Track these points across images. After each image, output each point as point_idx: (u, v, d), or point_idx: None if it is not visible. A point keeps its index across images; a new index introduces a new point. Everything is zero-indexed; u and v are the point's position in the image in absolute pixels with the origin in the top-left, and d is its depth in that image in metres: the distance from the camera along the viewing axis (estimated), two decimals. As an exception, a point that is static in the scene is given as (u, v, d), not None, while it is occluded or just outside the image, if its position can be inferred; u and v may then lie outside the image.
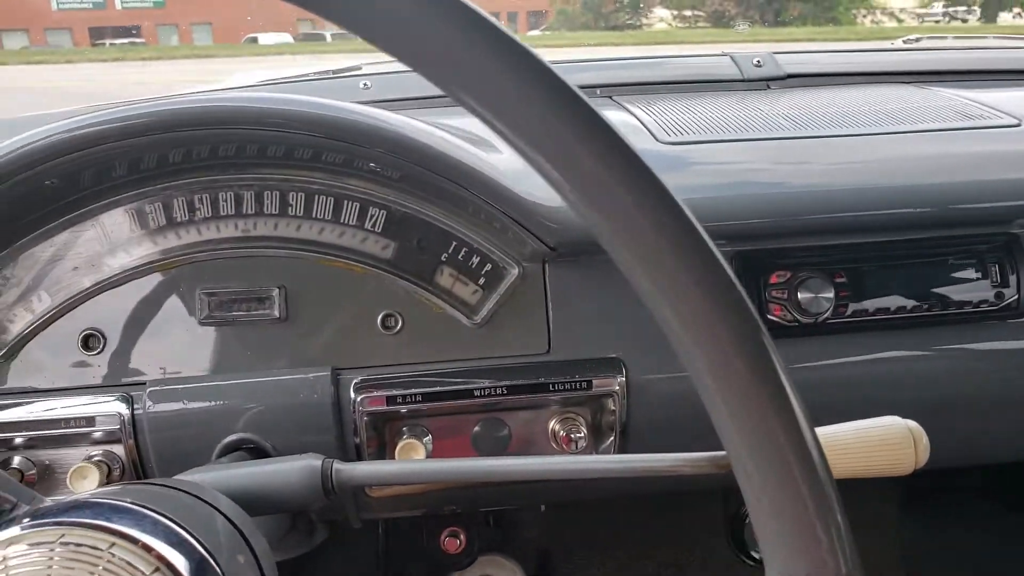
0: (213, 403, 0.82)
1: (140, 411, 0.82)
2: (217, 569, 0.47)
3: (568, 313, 0.87)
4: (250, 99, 0.76)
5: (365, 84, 1.11)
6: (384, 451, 0.87)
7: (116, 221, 0.84)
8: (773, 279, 0.90)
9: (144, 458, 0.83)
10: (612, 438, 0.89)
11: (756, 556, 1.01)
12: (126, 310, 0.84)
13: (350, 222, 0.86)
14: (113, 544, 0.43)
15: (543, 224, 0.80)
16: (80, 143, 0.74)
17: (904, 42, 1.41)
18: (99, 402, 0.82)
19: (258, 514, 0.60)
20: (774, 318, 0.90)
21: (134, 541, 0.44)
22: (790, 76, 1.15)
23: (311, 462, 0.64)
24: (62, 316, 0.84)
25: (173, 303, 0.85)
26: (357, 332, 0.86)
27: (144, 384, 0.83)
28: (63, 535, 0.43)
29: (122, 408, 0.82)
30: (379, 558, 1.27)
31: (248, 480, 0.61)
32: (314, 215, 0.86)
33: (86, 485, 0.81)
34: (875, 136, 0.92)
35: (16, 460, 0.83)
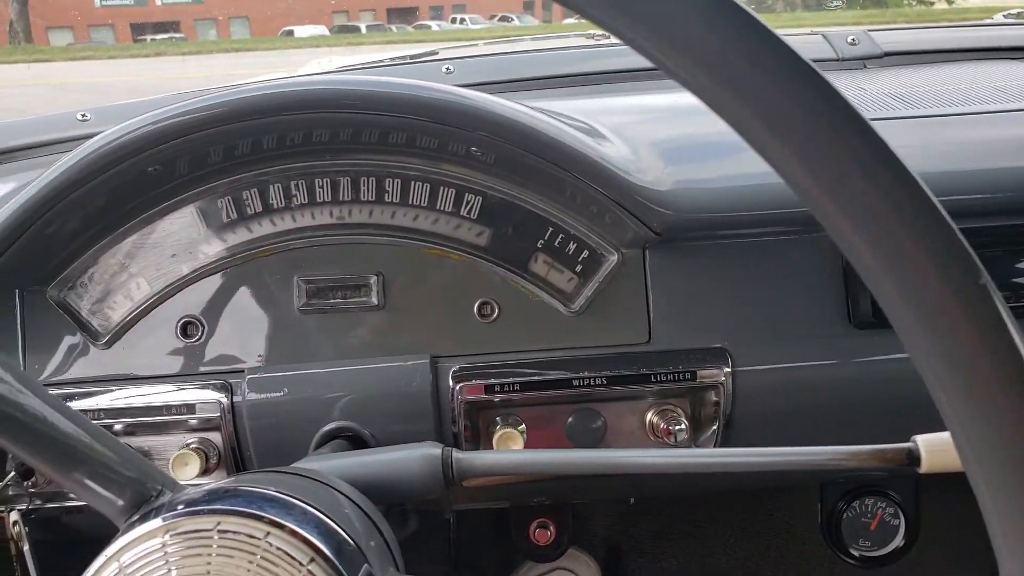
0: (311, 391, 0.82)
1: (239, 399, 0.82)
2: (364, 558, 0.46)
3: (669, 301, 0.85)
4: (354, 82, 0.75)
5: (447, 68, 1.09)
6: (479, 440, 0.86)
7: (213, 208, 0.84)
8: None
9: (242, 446, 0.83)
10: (714, 431, 0.86)
11: (856, 554, 0.98)
12: (224, 297, 0.84)
13: (446, 208, 0.85)
14: (268, 533, 0.43)
15: (650, 208, 0.78)
16: (185, 128, 0.74)
17: (1004, 16, 1.35)
18: (198, 389, 0.82)
19: (380, 503, 0.59)
20: None
21: (289, 530, 0.43)
22: (887, 55, 1.11)
23: (430, 450, 0.62)
24: (161, 303, 0.84)
25: (270, 290, 0.84)
26: (454, 320, 0.85)
27: (242, 372, 0.83)
28: (219, 522, 0.42)
29: (221, 396, 0.82)
30: (449, 548, 1.26)
31: (371, 469, 0.60)
32: (410, 201, 0.85)
33: (187, 472, 0.81)
34: (993, 114, 0.89)
35: None
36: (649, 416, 0.87)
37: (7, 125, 1.00)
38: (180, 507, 0.44)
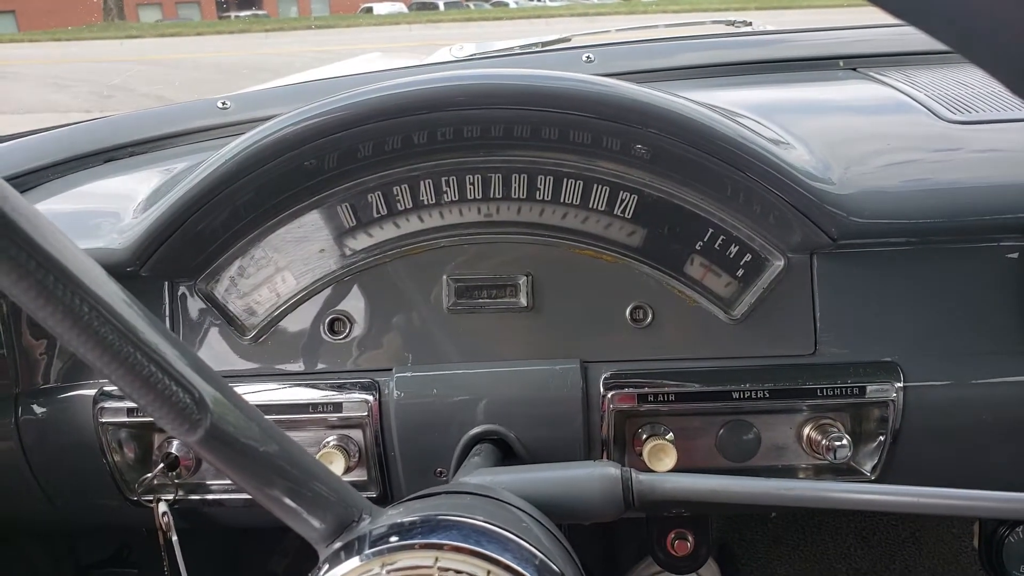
0: (459, 393, 0.79)
1: (387, 398, 0.80)
2: None
3: (837, 310, 0.79)
4: (515, 76, 0.72)
5: (588, 57, 1.05)
6: (624, 448, 0.83)
7: (363, 203, 0.82)
8: None
9: (387, 445, 0.81)
10: (875, 447, 0.81)
11: (1019, 580, 0.91)
12: (371, 294, 0.82)
13: (599, 207, 0.81)
14: (489, 572, 0.40)
15: (829, 212, 0.72)
16: (346, 122, 0.72)
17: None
18: (345, 387, 0.81)
19: (559, 522, 0.57)
20: None
21: (508, 569, 0.40)
22: None
23: (608, 470, 0.59)
24: (309, 299, 0.83)
25: (419, 289, 0.82)
26: (605, 324, 0.81)
27: (389, 371, 0.81)
28: (438, 559, 0.40)
29: (368, 395, 0.80)
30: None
31: (550, 487, 0.58)
32: (562, 199, 0.81)
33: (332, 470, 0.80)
34: None
35: None
36: (807, 431, 0.82)
37: (149, 114, 1.01)
38: (393, 539, 0.41)
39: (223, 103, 1.01)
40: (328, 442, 0.83)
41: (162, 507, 0.84)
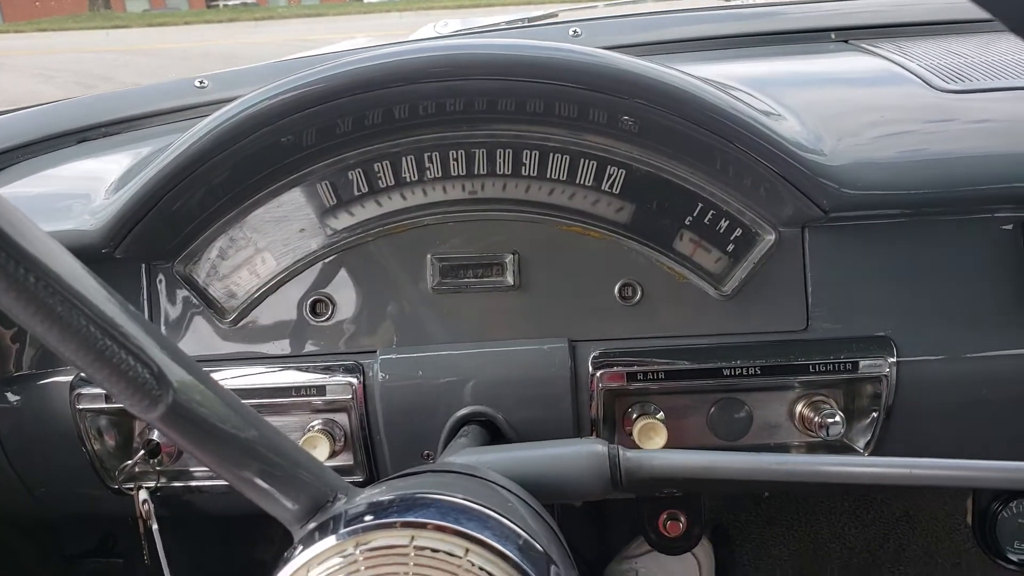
0: (446, 374, 0.78)
1: (372, 381, 0.78)
2: (558, 571, 0.42)
3: (829, 284, 0.78)
4: (501, 46, 0.70)
5: (575, 31, 1.02)
6: (614, 427, 0.81)
7: (343, 181, 0.80)
8: None
9: (372, 429, 0.80)
10: (868, 424, 0.79)
11: (1013, 558, 0.90)
12: (354, 275, 0.80)
13: (586, 182, 0.79)
14: (468, 550, 0.38)
15: (821, 184, 0.70)
16: (322, 96, 0.70)
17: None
18: (328, 370, 0.79)
19: (545, 501, 0.55)
20: None
21: (488, 546, 0.39)
22: None
23: (595, 447, 0.58)
24: (290, 280, 0.81)
25: (402, 269, 0.80)
26: (593, 302, 0.80)
27: (374, 352, 0.79)
28: (413, 537, 0.38)
29: (352, 377, 0.79)
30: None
31: (535, 466, 0.56)
32: (548, 175, 0.79)
33: (316, 456, 0.78)
34: None
35: None
36: (799, 408, 0.80)
37: (124, 94, 0.99)
38: (368, 518, 0.40)
39: (200, 82, 0.99)
40: (313, 426, 0.81)
41: (143, 495, 0.82)
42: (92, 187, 0.82)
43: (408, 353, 0.78)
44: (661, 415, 0.80)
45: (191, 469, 0.84)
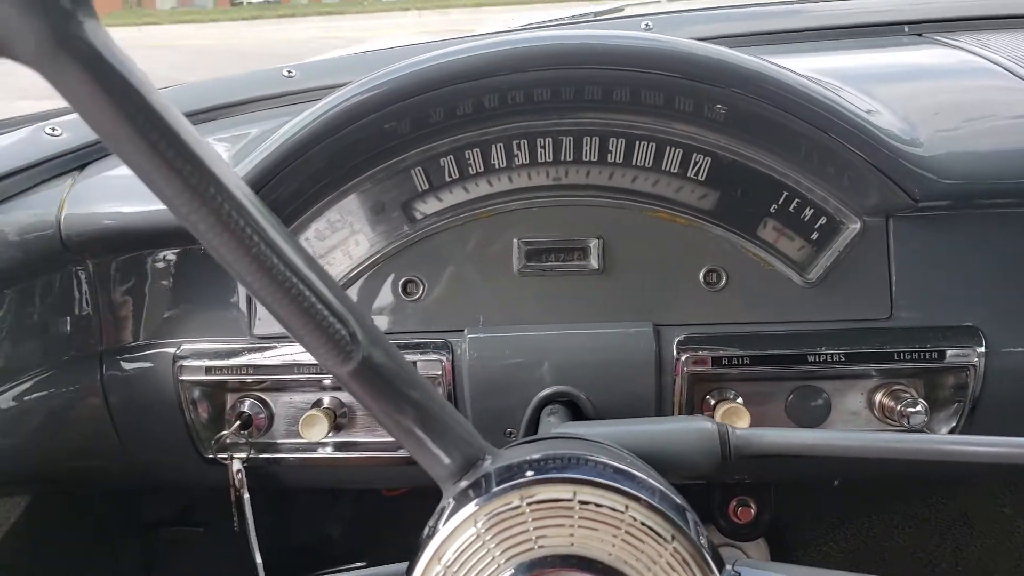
0: (532, 354, 0.80)
1: (460, 359, 0.81)
2: (705, 534, 0.44)
3: (914, 274, 0.79)
4: (596, 37, 0.72)
5: (647, 24, 1.04)
6: (694, 412, 0.83)
7: (435, 168, 0.82)
8: None
9: (459, 405, 0.82)
10: (952, 414, 0.81)
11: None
12: (444, 258, 0.83)
13: (672, 169, 0.81)
14: (628, 507, 0.40)
15: (913, 172, 0.72)
16: (429, 84, 0.72)
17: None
18: (421, 347, 0.81)
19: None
20: None
21: (647, 504, 0.41)
22: None
23: (704, 424, 0.59)
24: (383, 262, 0.83)
25: (490, 252, 0.82)
26: (678, 287, 0.81)
27: (462, 332, 0.81)
28: (576, 492, 0.40)
29: (443, 355, 0.81)
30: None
31: (650, 440, 0.58)
32: (634, 162, 0.81)
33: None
34: None
35: (326, 400, 0.84)
36: (879, 397, 0.82)
37: (216, 82, 1.01)
38: (529, 473, 0.42)
39: (288, 71, 1.01)
40: None
41: (236, 464, 0.85)
42: None
43: (496, 333, 0.81)
44: (740, 401, 0.81)
45: (278, 441, 0.86)
